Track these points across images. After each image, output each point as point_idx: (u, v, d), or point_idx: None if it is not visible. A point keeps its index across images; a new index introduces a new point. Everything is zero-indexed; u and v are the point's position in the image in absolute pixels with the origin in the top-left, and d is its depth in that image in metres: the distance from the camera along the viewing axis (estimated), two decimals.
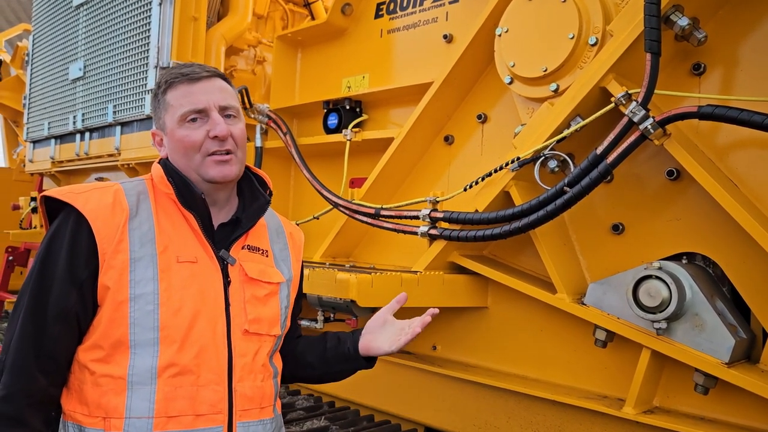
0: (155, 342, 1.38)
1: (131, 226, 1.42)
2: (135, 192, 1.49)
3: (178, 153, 1.51)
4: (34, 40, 4.39)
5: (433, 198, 2.51)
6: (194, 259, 1.46)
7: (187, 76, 1.51)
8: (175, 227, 1.48)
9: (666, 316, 1.88)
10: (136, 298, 1.38)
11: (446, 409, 2.60)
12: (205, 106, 1.49)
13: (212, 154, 1.49)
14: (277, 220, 1.73)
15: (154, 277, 1.40)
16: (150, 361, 1.37)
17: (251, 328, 1.51)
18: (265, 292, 1.56)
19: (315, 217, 3.08)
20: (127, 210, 1.43)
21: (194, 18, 3.20)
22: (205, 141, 1.48)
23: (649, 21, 1.83)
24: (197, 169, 1.50)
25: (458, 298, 2.51)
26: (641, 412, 2.03)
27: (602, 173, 1.96)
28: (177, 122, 1.49)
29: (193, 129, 1.49)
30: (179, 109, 1.49)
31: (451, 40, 2.78)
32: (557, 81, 2.18)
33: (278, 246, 1.67)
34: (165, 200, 1.50)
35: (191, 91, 1.50)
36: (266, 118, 3.34)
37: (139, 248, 1.41)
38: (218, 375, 1.43)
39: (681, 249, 2.09)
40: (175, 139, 1.50)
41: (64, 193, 1.43)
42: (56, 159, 4.05)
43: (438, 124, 2.78)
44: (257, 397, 1.51)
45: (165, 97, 1.52)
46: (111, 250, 1.39)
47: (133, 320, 1.37)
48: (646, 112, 1.89)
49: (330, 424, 2.71)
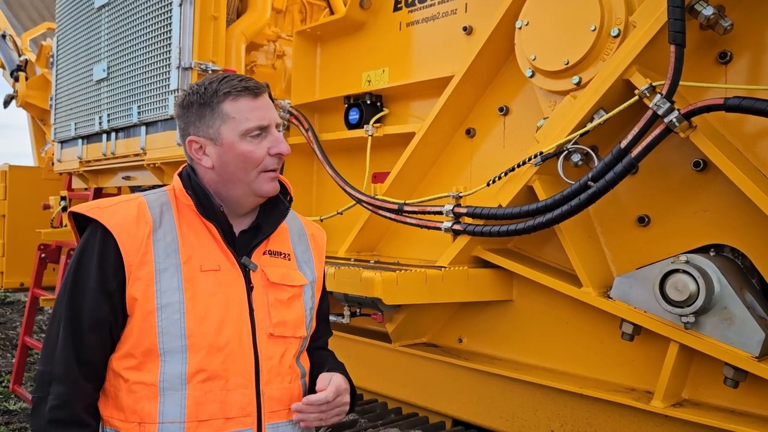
0: (183, 349, 1.43)
1: (155, 238, 1.46)
2: (158, 203, 1.53)
3: (235, 166, 1.52)
4: (58, 41, 4.45)
5: (456, 193, 2.51)
6: (217, 267, 1.50)
7: (250, 90, 1.52)
8: (198, 237, 1.52)
9: (694, 311, 1.87)
10: (163, 307, 1.43)
11: (473, 401, 2.62)
12: (269, 122, 1.53)
13: (268, 170, 1.54)
14: (299, 223, 1.76)
15: (179, 287, 1.45)
16: (179, 368, 1.42)
17: (276, 331, 1.54)
18: (289, 295, 1.60)
19: (339, 213, 3.10)
20: (151, 222, 1.47)
21: (214, 17, 3.22)
22: (266, 157, 1.52)
23: (672, 12, 1.80)
24: (251, 184, 1.53)
25: (483, 292, 2.52)
26: (670, 405, 2.02)
27: (627, 167, 1.95)
28: (239, 135, 1.50)
29: (256, 144, 1.51)
30: (244, 123, 1.50)
31: (471, 31, 2.76)
32: (579, 74, 2.16)
33: (300, 248, 1.70)
34: (187, 211, 1.54)
35: (257, 106, 1.52)
36: (288, 115, 3.36)
37: (164, 259, 1.45)
38: (246, 378, 1.48)
39: (708, 241, 2.07)
40: (235, 152, 1.51)
41: (91, 209, 1.48)
42: (84, 159, 4.12)
43: (459, 118, 2.78)
44: (285, 399, 1.55)
45: (222, 106, 1.51)
46: (137, 262, 1.43)
47: (161, 329, 1.42)
48: (671, 104, 1.86)
49: (358, 417, 2.75)
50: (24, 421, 5.50)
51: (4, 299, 10.89)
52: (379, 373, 2.97)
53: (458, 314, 2.81)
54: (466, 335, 2.77)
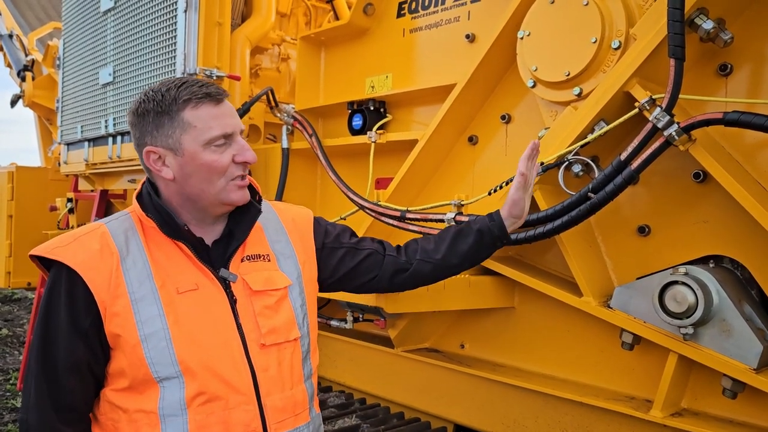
0: (178, 374, 1.39)
1: (125, 267, 1.40)
2: (122, 230, 1.46)
3: (199, 177, 1.46)
4: (64, 43, 4.48)
5: (458, 201, 2.52)
6: (194, 286, 1.45)
7: (212, 97, 1.46)
8: (169, 257, 1.46)
9: (693, 322, 1.88)
10: (147, 338, 1.38)
11: (475, 407, 2.64)
12: (233, 130, 1.48)
13: (235, 178, 1.48)
14: (273, 216, 1.70)
15: (159, 314, 1.39)
16: (178, 394, 1.39)
17: (267, 340, 1.50)
18: (275, 300, 1.55)
19: (342, 218, 3.12)
20: (117, 252, 1.41)
21: (219, 23, 3.24)
22: (230, 165, 1.47)
23: (672, 26, 1.81)
24: (218, 194, 1.48)
25: (485, 299, 2.54)
26: (669, 415, 2.04)
27: (626, 179, 1.96)
28: (202, 145, 1.44)
29: (221, 153, 1.46)
30: (207, 132, 1.44)
31: (474, 39, 2.77)
32: (580, 85, 2.17)
33: (280, 245, 1.65)
34: (153, 232, 1.47)
35: (219, 113, 1.46)
36: (292, 119, 3.38)
37: (138, 287, 1.40)
38: (245, 395, 1.44)
39: (708, 252, 2.08)
40: (198, 163, 1.45)
41: (51, 250, 1.41)
42: (90, 161, 4.16)
43: (462, 125, 2.79)
44: (289, 407, 1.52)
45: (182, 114, 1.44)
46: (110, 297, 1.38)
47: (150, 360, 1.38)
48: (670, 117, 1.88)
49: (361, 422, 2.78)
50: None
51: (11, 296, 10.97)
52: (381, 377, 3.00)
53: (460, 320, 2.83)
54: (468, 341, 2.79)
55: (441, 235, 1.96)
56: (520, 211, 1.95)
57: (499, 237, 1.94)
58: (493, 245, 1.96)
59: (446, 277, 1.97)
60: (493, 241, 1.94)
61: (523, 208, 1.95)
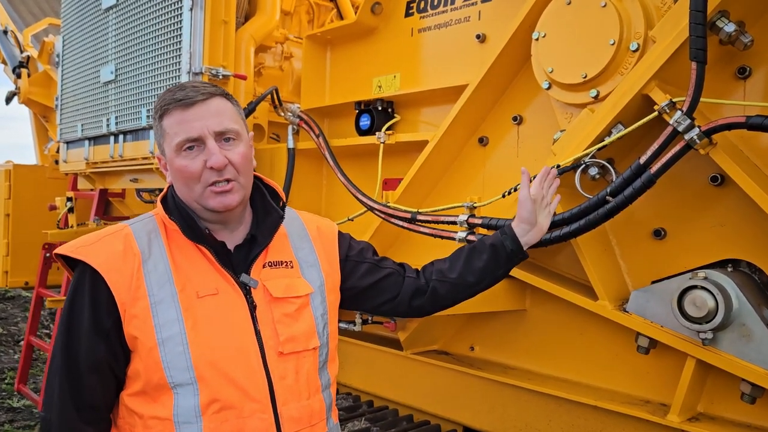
0: (193, 381, 1.37)
1: (146, 269, 1.40)
2: (145, 232, 1.47)
3: (179, 182, 1.49)
4: (63, 41, 4.42)
5: (471, 203, 2.50)
6: (215, 291, 1.44)
7: (180, 102, 1.44)
8: (191, 261, 1.45)
9: (712, 327, 1.87)
10: (165, 341, 1.37)
11: (485, 410, 2.63)
12: (199, 134, 1.43)
13: (212, 184, 1.44)
14: (299, 223, 1.68)
15: (178, 318, 1.39)
16: (192, 400, 1.37)
17: (285, 348, 1.48)
18: (295, 307, 1.53)
19: (350, 219, 3.09)
20: (139, 254, 1.42)
21: (225, 21, 3.20)
22: (204, 171, 1.43)
23: (695, 29, 1.80)
24: (198, 200, 1.47)
25: (497, 302, 2.52)
26: (686, 420, 2.03)
27: (646, 183, 1.94)
28: (174, 151, 1.45)
29: (191, 159, 1.44)
30: (174, 138, 1.44)
31: (484, 39, 2.75)
32: (597, 87, 2.15)
33: (303, 252, 1.63)
34: (176, 235, 1.47)
35: (185, 118, 1.44)
36: (298, 119, 3.34)
37: (158, 290, 1.39)
38: (261, 403, 1.42)
39: (725, 255, 2.07)
40: (174, 169, 1.47)
41: (76, 249, 1.42)
42: (90, 160, 4.11)
43: (472, 126, 2.77)
44: (305, 417, 1.49)
45: (162, 123, 1.47)
46: (130, 299, 1.38)
47: (166, 364, 1.37)
48: (691, 121, 1.86)
49: (371, 425, 2.76)
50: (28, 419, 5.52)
51: (5, 294, 10.88)
52: (390, 379, 2.98)
53: (470, 322, 2.81)
54: (478, 343, 2.78)
55: (455, 254, 1.91)
56: (527, 214, 1.89)
57: (514, 251, 1.87)
58: (510, 260, 1.89)
59: (466, 297, 1.88)
60: (508, 256, 1.87)
61: (531, 211, 1.90)
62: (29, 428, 5.29)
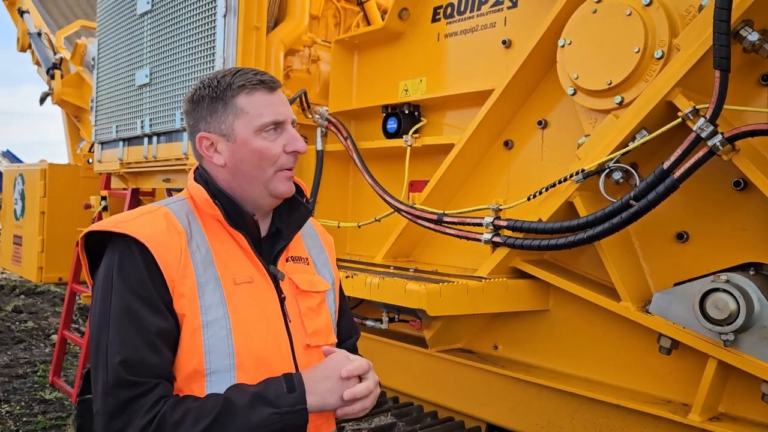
0: (231, 368, 1.35)
1: (191, 249, 1.37)
2: (183, 213, 1.43)
3: (250, 164, 1.44)
4: (99, 45, 4.56)
5: (496, 206, 2.57)
6: (249, 279, 1.43)
7: (266, 84, 1.45)
8: (225, 248, 1.43)
9: (734, 329, 1.91)
10: (209, 324, 1.34)
11: (508, 407, 2.69)
12: (285, 118, 1.45)
13: (284, 169, 1.46)
14: (308, 224, 1.69)
15: (222, 302, 1.36)
16: (227, 386, 1.34)
17: (312, 341, 1.49)
18: (317, 302, 1.54)
19: (377, 220, 3.17)
20: (184, 233, 1.37)
21: (256, 27, 3.30)
22: (281, 155, 1.45)
23: (718, 39, 1.84)
24: (266, 183, 1.45)
25: (521, 302, 2.58)
26: (707, 419, 2.08)
27: (669, 188, 1.99)
28: (254, 131, 1.43)
29: (272, 141, 1.43)
30: (259, 119, 1.42)
31: (510, 45, 2.82)
32: (622, 94, 2.20)
33: (315, 251, 1.65)
34: (210, 221, 1.45)
35: (272, 101, 1.44)
36: (326, 122, 3.43)
37: (203, 272, 1.36)
38: None
39: (748, 259, 2.11)
40: (249, 149, 1.43)
41: (116, 224, 1.35)
42: (124, 161, 4.24)
43: (497, 130, 2.83)
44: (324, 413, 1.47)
45: (236, 100, 1.43)
46: (179, 276, 1.33)
47: (207, 348, 1.33)
48: (714, 128, 1.91)
49: (396, 420, 2.83)
50: (60, 410, 5.69)
51: (35, 289, 11.15)
52: (415, 376, 3.05)
53: (493, 321, 2.88)
54: (501, 342, 2.84)
55: None
56: None
57: None
58: None
59: None
60: None
61: None
62: (61, 419, 5.46)
